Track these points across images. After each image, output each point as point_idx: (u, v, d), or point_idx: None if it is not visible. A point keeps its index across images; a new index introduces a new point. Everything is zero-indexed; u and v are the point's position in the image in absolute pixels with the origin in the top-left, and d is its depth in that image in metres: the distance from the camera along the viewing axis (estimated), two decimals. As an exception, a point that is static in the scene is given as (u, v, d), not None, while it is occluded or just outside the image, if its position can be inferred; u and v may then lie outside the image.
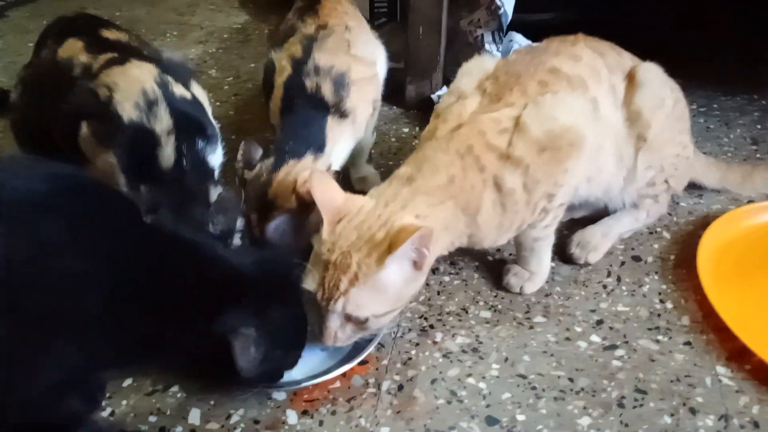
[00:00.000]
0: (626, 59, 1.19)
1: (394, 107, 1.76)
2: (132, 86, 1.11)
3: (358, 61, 1.26)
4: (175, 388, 1.00)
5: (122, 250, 0.78)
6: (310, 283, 0.93)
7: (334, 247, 0.92)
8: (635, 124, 1.14)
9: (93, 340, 0.75)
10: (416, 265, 0.93)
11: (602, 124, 1.08)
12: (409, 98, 1.73)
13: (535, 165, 0.99)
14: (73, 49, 1.23)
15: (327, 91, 1.20)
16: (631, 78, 1.15)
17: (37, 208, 0.73)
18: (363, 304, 0.91)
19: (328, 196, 0.95)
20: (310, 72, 1.20)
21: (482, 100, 1.06)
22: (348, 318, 0.92)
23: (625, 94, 1.14)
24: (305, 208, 1.05)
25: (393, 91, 1.54)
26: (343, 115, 1.22)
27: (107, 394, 0.98)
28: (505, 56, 1.26)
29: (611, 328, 1.09)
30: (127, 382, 1.00)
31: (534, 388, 0.99)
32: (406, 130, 1.68)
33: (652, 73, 1.16)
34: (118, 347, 0.78)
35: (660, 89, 1.17)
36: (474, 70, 1.12)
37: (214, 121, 1.20)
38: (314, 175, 0.98)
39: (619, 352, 1.05)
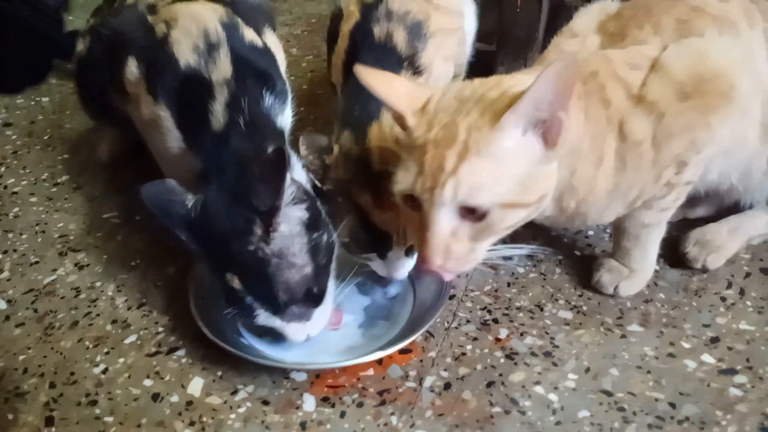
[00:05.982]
0: None
1: (481, 91, 1.58)
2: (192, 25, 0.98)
3: (439, 9, 1.08)
4: (180, 352, 0.84)
5: None
6: (404, 179, 0.70)
7: (432, 124, 0.69)
8: None
9: None
10: (547, 138, 0.68)
11: (754, 81, 0.84)
12: (499, 80, 1.53)
13: (672, 114, 0.77)
14: None
15: (400, 41, 1.03)
16: None
17: None
18: (480, 182, 0.66)
19: (394, 88, 0.73)
20: (380, 17, 1.03)
21: (603, 41, 0.85)
22: (464, 212, 0.68)
23: None
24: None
25: (480, 75, 1.35)
26: (416, 71, 1.04)
27: (105, 350, 0.84)
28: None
29: (730, 349, 0.85)
30: (131, 338, 0.87)
31: (622, 409, 0.77)
32: (491, 113, 1.49)
33: None
34: None
35: None
36: (594, 11, 0.90)
37: (285, 77, 1.03)
38: (360, 68, 0.73)
39: (740, 379, 0.81)
